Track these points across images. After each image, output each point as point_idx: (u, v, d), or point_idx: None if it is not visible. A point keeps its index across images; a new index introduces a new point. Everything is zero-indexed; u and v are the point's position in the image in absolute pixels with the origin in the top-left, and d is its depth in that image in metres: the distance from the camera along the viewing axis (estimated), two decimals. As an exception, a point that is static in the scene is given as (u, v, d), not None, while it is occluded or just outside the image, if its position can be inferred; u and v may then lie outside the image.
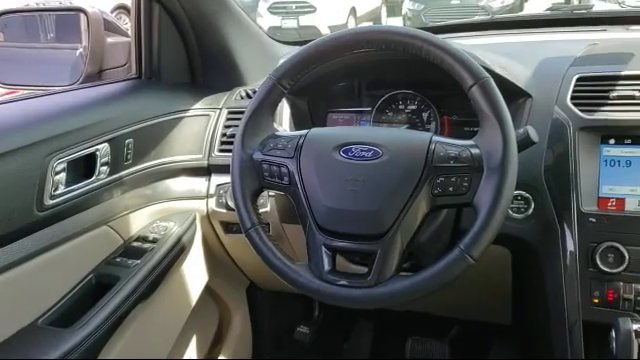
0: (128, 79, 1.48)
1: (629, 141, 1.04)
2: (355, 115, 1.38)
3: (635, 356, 0.84)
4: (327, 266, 0.92)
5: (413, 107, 1.33)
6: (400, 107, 1.33)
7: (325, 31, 7.68)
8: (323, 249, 0.92)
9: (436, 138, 0.92)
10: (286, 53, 1.22)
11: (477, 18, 2.13)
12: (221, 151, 1.39)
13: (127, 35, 1.57)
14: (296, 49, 1.02)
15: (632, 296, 0.97)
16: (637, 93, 1.05)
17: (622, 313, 0.95)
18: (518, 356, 1.63)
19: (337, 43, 0.98)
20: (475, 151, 0.87)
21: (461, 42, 1.19)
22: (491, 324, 1.63)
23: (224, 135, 1.40)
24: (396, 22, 8.75)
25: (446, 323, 1.83)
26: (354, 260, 1.20)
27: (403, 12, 8.85)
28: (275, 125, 1.04)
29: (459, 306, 1.53)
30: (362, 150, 0.93)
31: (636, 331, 0.84)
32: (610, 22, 1.62)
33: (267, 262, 0.96)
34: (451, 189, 0.87)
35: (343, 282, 0.90)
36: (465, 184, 0.86)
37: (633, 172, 1.04)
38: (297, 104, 1.37)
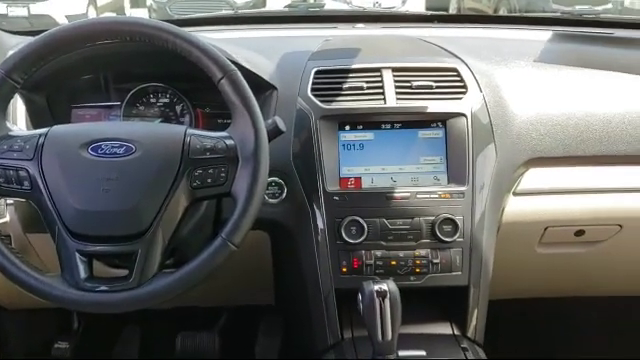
0: None
1: (361, 127, 1.18)
2: (103, 110, 1.30)
3: (378, 313, 0.96)
4: (83, 274, 0.87)
5: (165, 100, 1.31)
6: (152, 100, 1.30)
7: (62, 20, 7.02)
8: (77, 256, 0.87)
9: (191, 131, 0.93)
10: (16, 44, 1.10)
11: (222, 12, 2.18)
12: None
13: None
14: (28, 39, 0.93)
15: (372, 261, 1.12)
16: (365, 84, 1.19)
17: (365, 278, 1.08)
18: (283, 332, 1.74)
19: (76, 33, 0.92)
20: (229, 142, 0.91)
21: (207, 36, 1.21)
22: (257, 307, 1.70)
23: None
24: (141, 14, 8.42)
25: (215, 313, 1.85)
26: (113, 264, 1.14)
27: (148, 3, 8.53)
28: (8, 124, 0.94)
29: (225, 294, 1.57)
30: (113, 147, 0.90)
31: (377, 291, 0.96)
32: (340, 20, 1.81)
33: (11, 277, 0.87)
34: (209, 180, 0.89)
35: (103, 288, 0.86)
36: (223, 174, 0.89)
37: (366, 154, 1.17)
38: (33, 100, 1.23)
